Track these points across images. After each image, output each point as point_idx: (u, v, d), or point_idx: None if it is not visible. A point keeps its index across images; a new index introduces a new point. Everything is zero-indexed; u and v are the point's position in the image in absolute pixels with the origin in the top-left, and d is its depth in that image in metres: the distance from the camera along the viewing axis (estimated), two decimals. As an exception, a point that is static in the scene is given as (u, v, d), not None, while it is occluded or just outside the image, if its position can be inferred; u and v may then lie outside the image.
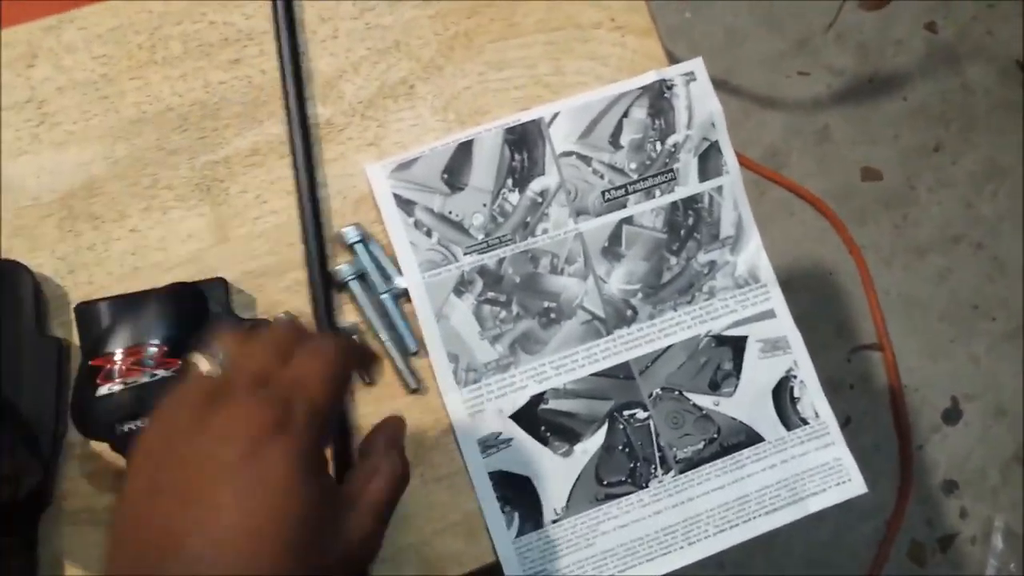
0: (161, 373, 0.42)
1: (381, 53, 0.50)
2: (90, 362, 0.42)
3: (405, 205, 0.48)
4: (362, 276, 0.47)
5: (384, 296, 0.47)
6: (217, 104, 0.49)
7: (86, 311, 0.44)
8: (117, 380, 0.42)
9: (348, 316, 0.48)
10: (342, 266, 0.47)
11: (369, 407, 0.46)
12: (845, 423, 1.27)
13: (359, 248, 0.47)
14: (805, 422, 0.49)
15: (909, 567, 1.25)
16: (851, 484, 0.49)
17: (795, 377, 0.50)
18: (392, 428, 0.38)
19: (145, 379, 0.42)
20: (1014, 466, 1.30)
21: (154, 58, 0.49)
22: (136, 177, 0.48)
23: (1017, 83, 1.43)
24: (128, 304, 0.43)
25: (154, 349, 0.42)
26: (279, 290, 0.47)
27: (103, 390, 0.42)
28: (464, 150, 0.49)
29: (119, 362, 0.42)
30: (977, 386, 1.33)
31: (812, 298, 1.30)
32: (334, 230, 0.48)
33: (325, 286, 0.46)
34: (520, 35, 0.51)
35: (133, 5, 0.50)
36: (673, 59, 0.51)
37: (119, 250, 0.47)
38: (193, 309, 0.43)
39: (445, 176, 0.48)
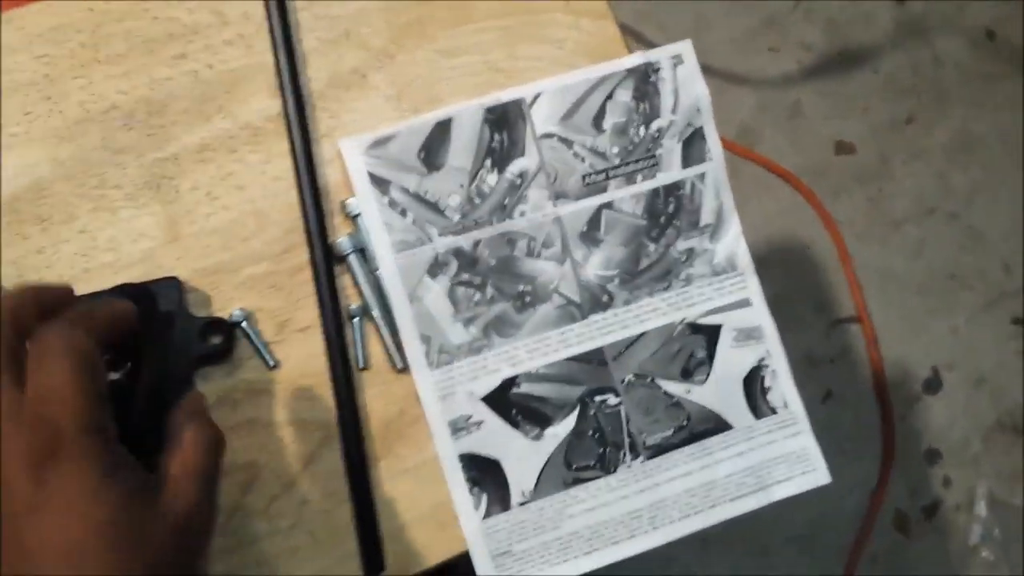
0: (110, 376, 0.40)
1: (331, 43, 0.49)
2: None
3: (379, 183, 0.47)
4: (361, 250, 0.47)
5: (379, 272, 0.46)
6: (163, 101, 0.47)
7: None
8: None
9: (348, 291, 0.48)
10: (342, 238, 0.46)
11: (368, 389, 0.47)
12: (825, 397, 1.28)
13: (360, 222, 0.47)
14: (774, 411, 0.49)
15: (895, 536, 1.26)
16: (816, 473, 0.49)
17: (767, 366, 0.49)
18: (191, 402, 0.38)
19: None
20: (996, 434, 1.31)
21: (97, 57, 0.47)
22: (83, 178, 0.46)
23: (987, 53, 1.43)
24: None
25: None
26: (234, 286, 0.46)
27: None
28: (442, 128, 0.47)
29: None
30: (957, 356, 1.33)
31: (789, 274, 1.30)
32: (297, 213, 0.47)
33: (327, 260, 0.46)
34: (473, 21, 0.50)
35: (74, 4, 0.48)
36: (642, 41, 0.50)
37: (68, 252, 0.45)
38: (142, 311, 0.41)
39: (422, 155, 0.47)
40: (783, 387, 0.50)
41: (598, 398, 0.47)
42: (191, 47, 0.48)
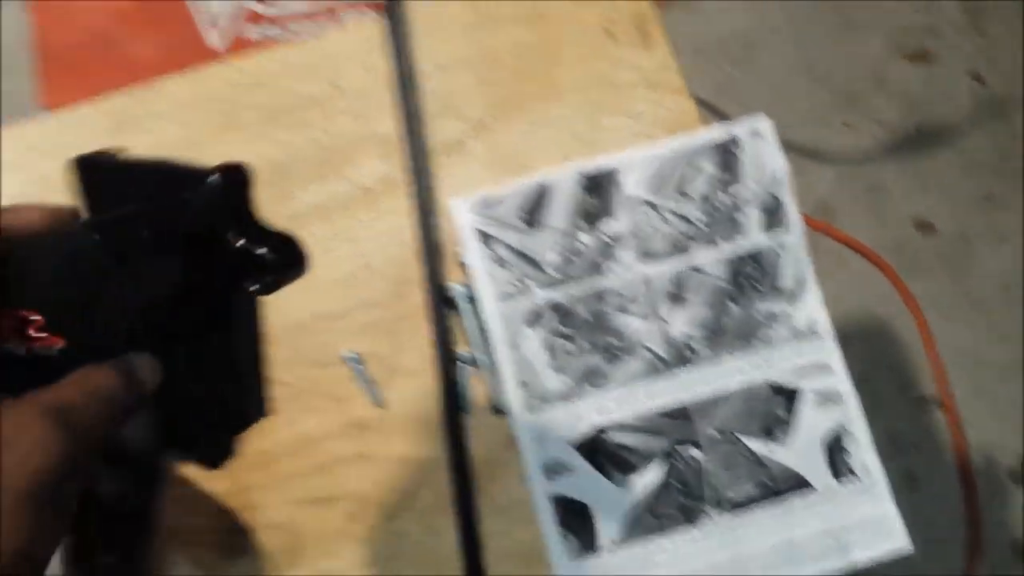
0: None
1: (433, 116, 0.54)
2: None
3: (485, 239, 0.51)
4: (471, 298, 0.51)
5: (484, 319, 0.50)
6: (288, 163, 0.52)
7: None
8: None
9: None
10: (456, 284, 0.50)
11: (475, 434, 0.49)
12: (908, 479, 1.25)
13: (468, 272, 0.51)
14: (855, 475, 0.50)
15: (982, 631, 1.20)
16: (897, 540, 0.50)
17: (847, 430, 0.51)
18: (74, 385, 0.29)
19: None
20: (1088, 526, 1.25)
21: (232, 123, 0.53)
22: (217, 229, 0.51)
23: (1070, 134, 1.42)
24: None
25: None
26: (347, 332, 0.50)
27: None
28: (542, 191, 0.51)
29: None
30: (1045, 443, 1.29)
31: (870, 352, 1.29)
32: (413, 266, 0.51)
33: (442, 304, 0.50)
34: (560, 95, 0.54)
35: (214, 76, 0.54)
36: (720, 114, 0.54)
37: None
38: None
39: (523, 215, 0.51)
40: (863, 452, 0.51)
41: (682, 450, 0.49)
42: (313, 116, 0.53)
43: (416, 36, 0.54)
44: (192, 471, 0.48)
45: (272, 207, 0.51)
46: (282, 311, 0.50)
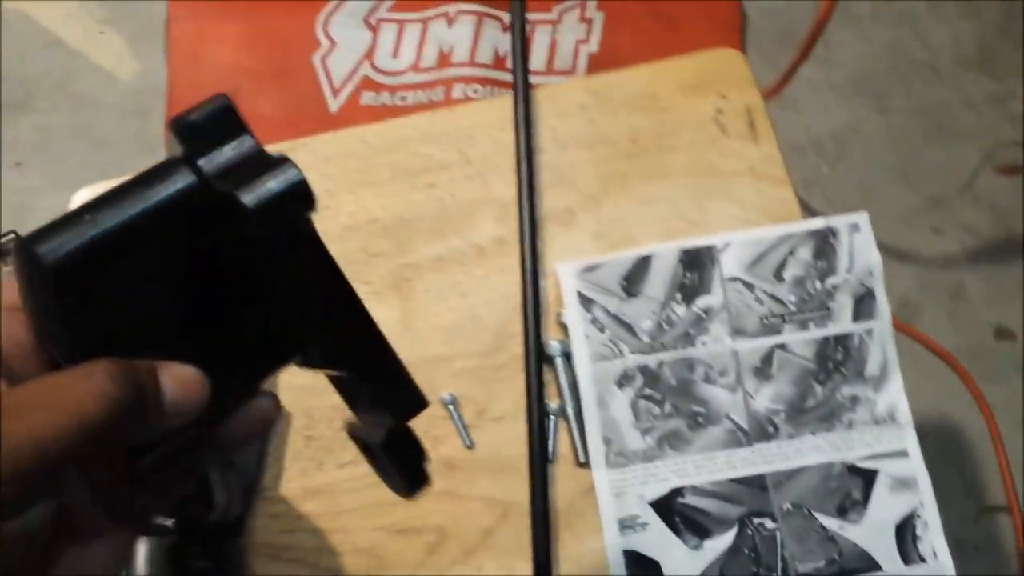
0: None
1: (548, 186, 0.58)
2: None
3: (585, 302, 0.55)
4: (567, 355, 0.54)
5: (577, 375, 0.54)
6: (412, 219, 0.58)
7: None
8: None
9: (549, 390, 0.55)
10: (554, 341, 0.54)
11: (555, 482, 0.53)
12: (973, 589, 1.21)
13: (568, 331, 0.55)
14: (924, 560, 0.51)
15: None
16: None
17: (919, 517, 0.52)
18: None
19: None
20: None
21: (366, 179, 0.59)
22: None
23: None
24: None
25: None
26: (447, 375, 0.54)
27: None
28: (643, 263, 0.55)
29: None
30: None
31: (940, 453, 1.27)
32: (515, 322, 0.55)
33: (538, 358, 0.54)
34: (669, 177, 0.58)
35: (352, 136, 0.60)
36: (808, 209, 0.57)
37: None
38: None
39: (623, 283, 0.55)
40: (933, 539, 0.52)
41: (756, 520, 0.51)
42: (440, 179, 0.59)
43: (539, 114, 0.59)
44: (294, 492, 0.53)
45: (393, 257, 0.57)
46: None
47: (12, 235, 0.43)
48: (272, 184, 0.26)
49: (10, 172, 1.33)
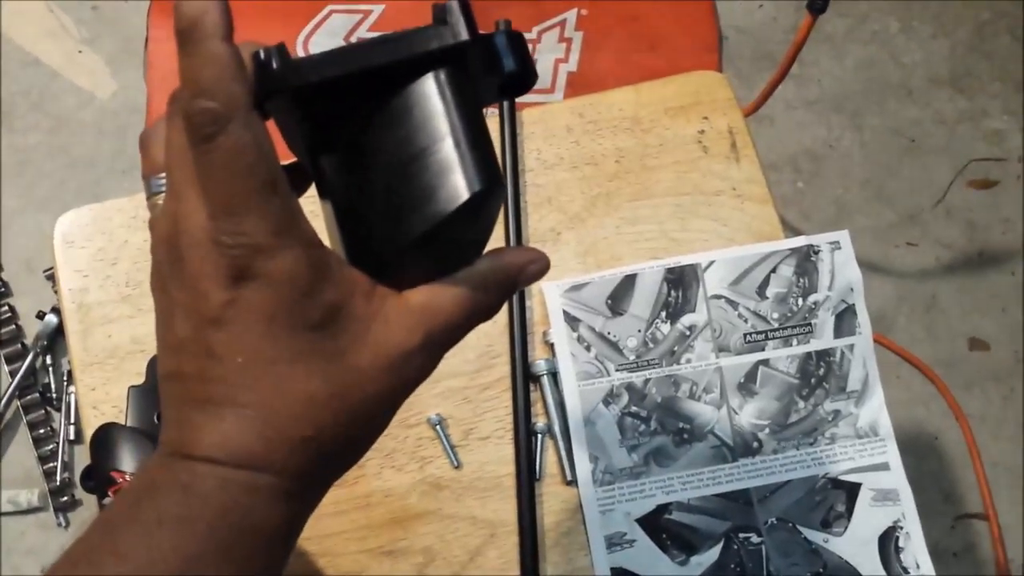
0: None
1: (535, 206, 0.59)
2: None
3: (571, 321, 0.55)
4: (553, 374, 0.55)
5: (563, 394, 0.54)
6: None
7: None
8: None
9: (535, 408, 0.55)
10: (540, 360, 0.55)
11: (537, 495, 0.53)
12: (950, 596, 1.23)
13: (559, 351, 0.55)
14: (907, 571, 0.52)
15: None
16: None
17: (901, 528, 0.53)
18: (516, 254, 0.34)
19: None
20: None
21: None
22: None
23: None
24: None
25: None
26: (433, 395, 0.55)
27: None
28: (628, 282, 0.56)
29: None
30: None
31: (917, 463, 1.29)
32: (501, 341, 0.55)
33: (525, 378, 0.54)
34: (653, 197, 0.59)
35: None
36: (786, 225, 0.58)
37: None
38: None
39: (609, 302, 0.56)
40: (915, 550, 0.53)
41: (742, 535, 0.52)
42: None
43: (524, 135, 0.60)
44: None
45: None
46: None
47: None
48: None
49: (-14, 191, 1.32)
